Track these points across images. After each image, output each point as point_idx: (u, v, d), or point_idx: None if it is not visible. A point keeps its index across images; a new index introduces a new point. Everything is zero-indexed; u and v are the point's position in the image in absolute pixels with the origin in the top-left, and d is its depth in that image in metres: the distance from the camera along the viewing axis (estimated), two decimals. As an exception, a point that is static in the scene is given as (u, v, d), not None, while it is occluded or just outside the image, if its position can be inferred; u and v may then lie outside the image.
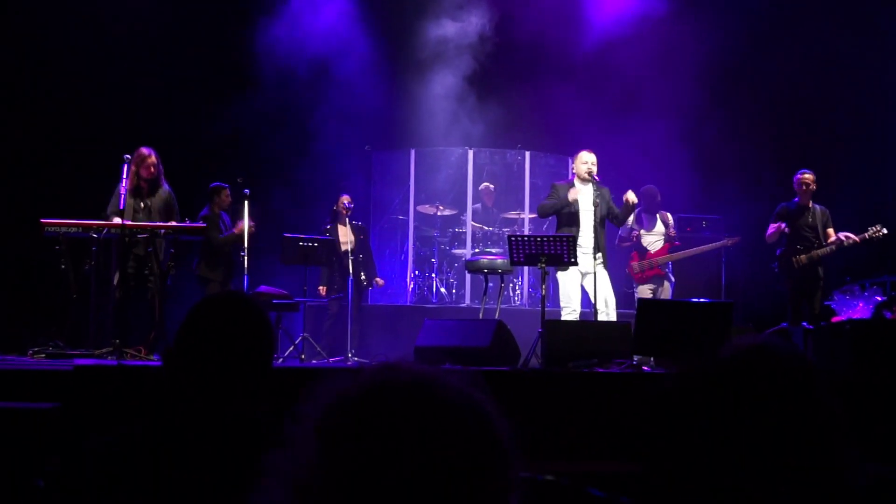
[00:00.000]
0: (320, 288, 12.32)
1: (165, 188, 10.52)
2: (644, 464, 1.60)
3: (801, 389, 1.51)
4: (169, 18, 13.13)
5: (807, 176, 11.44)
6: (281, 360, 10.81)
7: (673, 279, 12.42)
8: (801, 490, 1.46)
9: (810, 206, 11.42)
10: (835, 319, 10.94)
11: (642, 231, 12.43)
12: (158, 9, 13.04)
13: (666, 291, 12.32)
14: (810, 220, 11.36)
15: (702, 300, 9.87)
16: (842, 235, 11.25)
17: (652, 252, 12.35)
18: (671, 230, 12.47)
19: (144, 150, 10.37)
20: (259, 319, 2.96)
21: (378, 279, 12.71)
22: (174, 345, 2.92)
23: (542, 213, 10.99)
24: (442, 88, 14.15)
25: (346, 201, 12.38)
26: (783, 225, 11.36)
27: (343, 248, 12.13)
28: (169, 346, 2.95)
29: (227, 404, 2.80)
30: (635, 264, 12.34)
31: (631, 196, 10.51)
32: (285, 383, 2.74)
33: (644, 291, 12.24)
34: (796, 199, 11.48)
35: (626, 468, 6.23)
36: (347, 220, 12.32)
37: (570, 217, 10.67)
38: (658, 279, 12.32)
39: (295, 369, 8.35)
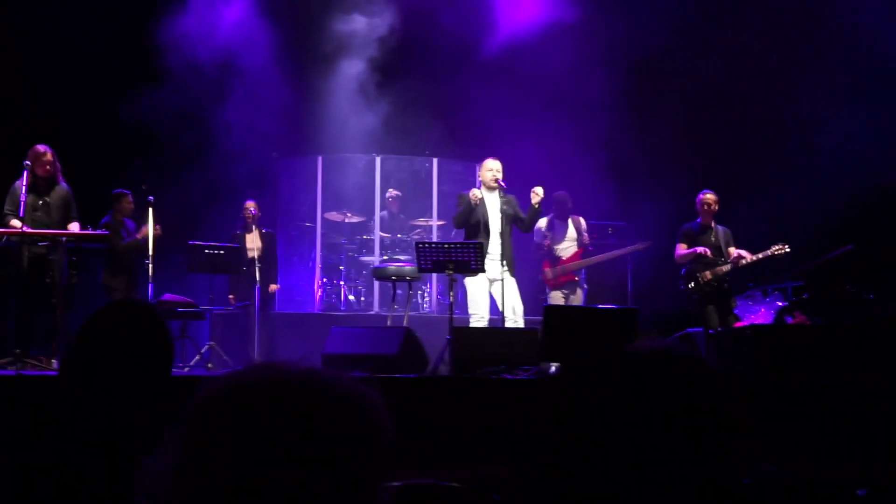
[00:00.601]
0: (230, 296, 12.20)
1: (63, 186, 10.30)
2: (520, 463, 1.59)
3: (696, 389, 1.52)
4: (71, 11, 12.88)
5: (708, 196, 11.58)
6: (187, 368, 10.69)
7: (586, 286, 12.51)
8: (691, 488, 1.47)
9: (712, 225, 11.58)
10: (738, 325, 11.11)
11: (554, 237, 12.47)
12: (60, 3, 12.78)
13: (578, 298, 12.37)
14: (713, 239, 11.51)
15: (608, 306, 9.96)
16: (737, 253, 11.37)
17: (564, 258, 12.42)
18: (584, 236, 12.54)
19: (40, 148, 10.15)
20: (156, 327, 2.92)
21: (272, 285, 12.54)
22: (72, 353, 2.88)
23: (457, 224, 10.97)
24: (348, 93, 14.10)
25: (251, 207, 12.31)
26: (706, 250, 11.42)
27: (250, 254, 12.03)
28: (65, 355, 2.90)
29: (122, 413, 2.76)
30: (548, 270, 12.39)
31: (538, 191, 10.57)
32: (190, 392, 2.70)
33: (557, 298, 12.28)
34: (699, 219, 11.63)
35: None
36: (255, 226, 12.23)
37: (476, 224, 10.70)
38: (571, 285, 12.38)
39: (201, 378, 8.25)
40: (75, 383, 2.84)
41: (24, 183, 9.81)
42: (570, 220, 12.57)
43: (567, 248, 12.48)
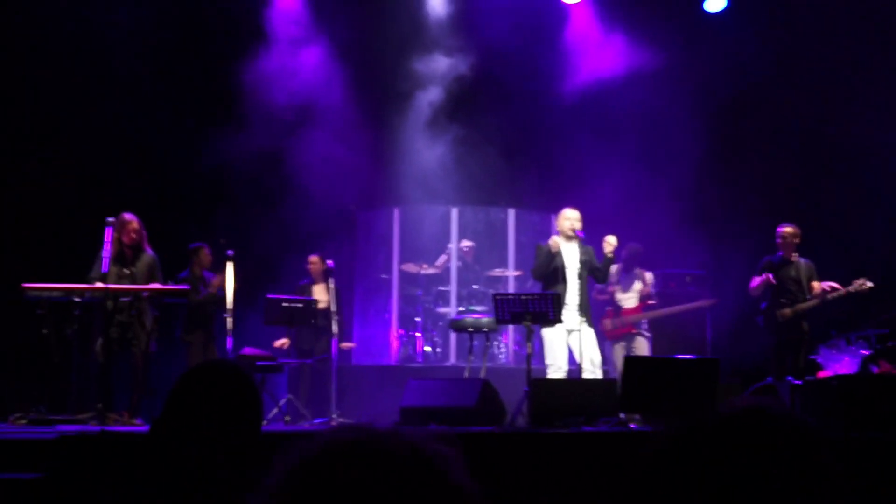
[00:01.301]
0: (283, 342, 12.18)
1: (149, 253, 10.47)
2: None
3: (802, 452, 1.48)
4: (147, 72, 13.11)
5: (788, 230, 11.46)
6: (265, 422, 10.72)
7: (649, 335, 12.40)
8: None
9: (794, 259, 11.43)
10: (821, 374, 10.93)
11: (619, 289, 12.42)
12: (134, 62, 13.00)
13: (641, 348, 12.28)
14: (793, 273, 11.36)
15: (687, 356, 9.85)
16: (826, 285, 11.24)
17: (625, 310, 12.35)
18: (647, 288, 12.46)
19: (126, 216, 10.34)
20: (247, 387, 2.94)
21: (345, 343, 12.64)
22: (163, 413, 2.90)
23: (536, 276, 10.90)
24: (425, 144, 14.17)
25: (315, 261, 12.44)
26: (770, 276, 11.33)
27: (320, 306, 12.07)
28: (157, 414, 2.92)
29: (215, 472, 2.77)
30: (608, 322, 12.32)
31: (611, 240, 10.53)
32: (271, 447, 2.71)
33: (618, 350, 12.21)
34: (780, 252, 11.50)
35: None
36: (323, 279, 12.29)
37: (554, 274, 10.65)
38: (629, 337, 12.31)
39: (280, 433, 8.28)
40: (168, 442, 2.87)
41: (108, 247, 9.93)
42: (636, 272, 12.51)
43: (629, 298, 12.42)
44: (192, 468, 2.78)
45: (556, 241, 10.62)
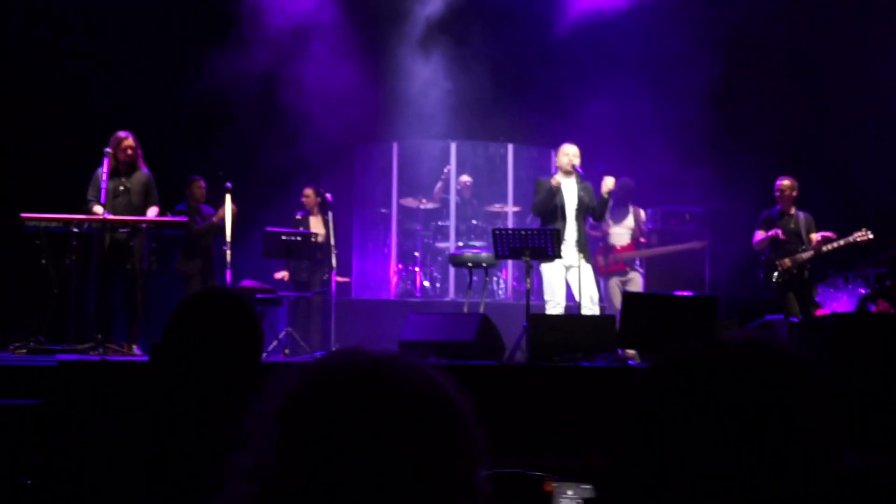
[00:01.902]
0: (283, 274, 12.18)
1: (144, 171, 10.40)
2: (616, 456, 1.57)
3: (795, 383, 1.49)
4: (142, 13, 13.01)
5: (786, 182, 11.42)
6: (265, 355, 10.74)
7: (642, 271, 12.40)
8: (787, 482, 1.44)
9: (792, 211, 11.42)
10: (819, 312, 10.96)
11: (610, 224, 12.38)
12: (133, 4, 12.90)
13: (635, 283, 12.28)
14: (792, 225, 11.35)
15: (686, 293, 9.87)
16: (819, 236, 11.21)
17: (617, 247, 12.33)
18: (641, 227, 12.43)
19: (121, 133, 10.27)
20: (248, 316, 2.94)
21: (340, 277, 12.70)
22: (163, 340, 2.90)
23: (536, 212, 10.86)
24: (423, 79, 14.09)
25: (310, 194, 12.40)
26: (779, 232, 11.31)
27: (318, 239, 12.05)
28: (157, 342, 2.92)
29: (214, 401, 2.78)
30: (600, 258, 12.29)
31: (608, 181, 10.50)
32: (270, 379, 2.72)
33: (614, 285, 12.21)
34: (778, 206, 11.48)
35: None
36: (318, 212, 12.26)
37: (553, 211, 10.63)
38: (623, 272, 12.30)
39: (280, 364, 8.31)
40: (167, 370, 2.87)
41: (106, 169, 9.94)
42: (630, 209, 12.46)
43: (621, 234, 12.38)
44: (191, 395, 2.78)
45: (558, 178, 10.59)
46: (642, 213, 12.55)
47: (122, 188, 10.18)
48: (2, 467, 5.31)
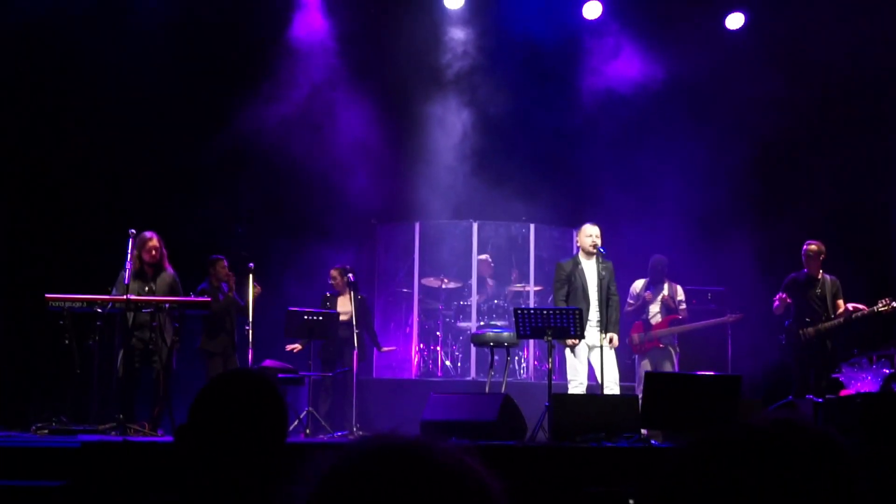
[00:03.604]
0: (295, 346, 12.14)
1: (169, 272, 10.55)
2: None
3: (830, 464, 1.48)
4: (171, 91, 13.15)
5: (813, 247, 11.41)
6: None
7: (678, 350, 12.34)
8: None
9: (819, 276, 11.38)
10: (843, 393, 10.87)
11: (647, 302, 12.34)
12: (158, 82, 13.04)
13: (669, 363, 12.22)
14: (819, 291, 11.32)
15: (709, 373, 9.82)
16: (850, 306, 11.20)
17: (653, 324, 12.29)
18: (674, 302, 12.39)
19: (146, 234, 10.41)
20: (273, 397, 2.94)
21: (385, 347, 12.83)
22: (188, 422, 2.90)
23: (559, 302, 10.85)
24: (445, 160, 14.19)
25: (335, 275, 12.45)
26: (784, 295, 11.32)
27: (342, 318, 12.08)
28: (181, 423, 2.92)
29: (239, 483, 2.77)
30: (635, 336, 12.26)
31: (614, 339, 10.68)
32: (292, 460, 2.73)
33: (646, 364, 12.15)
34: (805, 269, 11.45)
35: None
36: (349, 291, 12.29)
37: (575, 291, 10.66)
38: (657, 352, 12.23)
39: (301, 445, 8.29)
40: (191, 451, 2.87)
41: (130, 262, 10.01)
42: (665, 286, 12.44)
43: (656, 314, 12.35)
44: (216, 477, 2.78)
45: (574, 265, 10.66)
46: (679, 289, 12.50)
47: (146, 288, 10.29)
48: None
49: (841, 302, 11.31)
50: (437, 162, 14.22)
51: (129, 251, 10.05)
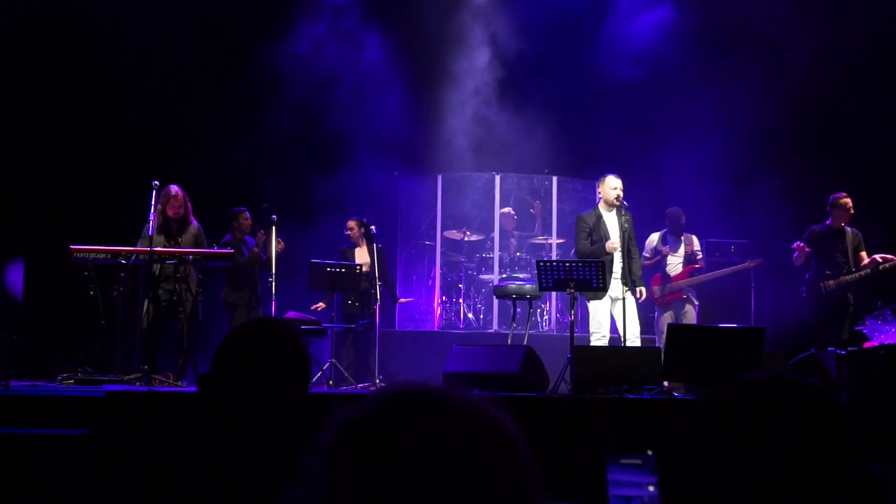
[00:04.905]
0: (319, 305, 12.19)
1: (194, 225, 10.57)
2: (663, 486, 1.58)
3: (821, 420, 1.50)
4: (192, 39, 13.14)
5: (844, 199, 11.33)
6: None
7: (696, 303, 12.31)
8: None
9: (842, 228, 11.31)
10: (867, 345, 10.83)
11: (668, 254, 12.31)
12: (179, 33, 13.02)
13: (689, 316, 12.19)
14: (841, 243, 11.26)
15: (732, 325, 9.79)
16: (877, 257, 11.14)
17: (672, 276, 12.26)
18: (696, 254, 12.36)
19: (171, 189, 10.43)
20: (297, 346, 2.94)
21: (401, 298, 12.85)
22: (210, 371, 2.90)
23: (583, 255, 10.80)
24: (468, 112, 14.15)
25: (353, 226, 12.47)
26: (802, 244, 11.25)
27: (365, 269, 12.09)
28: (204, 372, 2.93)
29: (262, 432, 2.78)
30: (656, 288, 12.22)
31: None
32: (315, 410, 2.74)
33: (666, 317, 12.13)
34: (828, 220, 11.38)
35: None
36: (364, 243, 12.32)
37: (598, 243, 10.64)
38: (679, 303, 12.20)
39: (324, 395, 8.32)
40: (216, 400, 2.87)
41: (154, 214, 10.04)
42: (682, 237, 12.39)
43: (676, 264, 12.31)
44: (238, 426, 2.79)
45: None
46: (695, 239, 12.46)
47: (172, 243, 10.33)
48: (51, 498, 5.35)
49: (864, 254, 11.25)
50: (458, 114, 14.17)
51: (153, 204, 10.07)
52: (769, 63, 13.90)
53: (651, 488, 2.94)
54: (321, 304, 12.13)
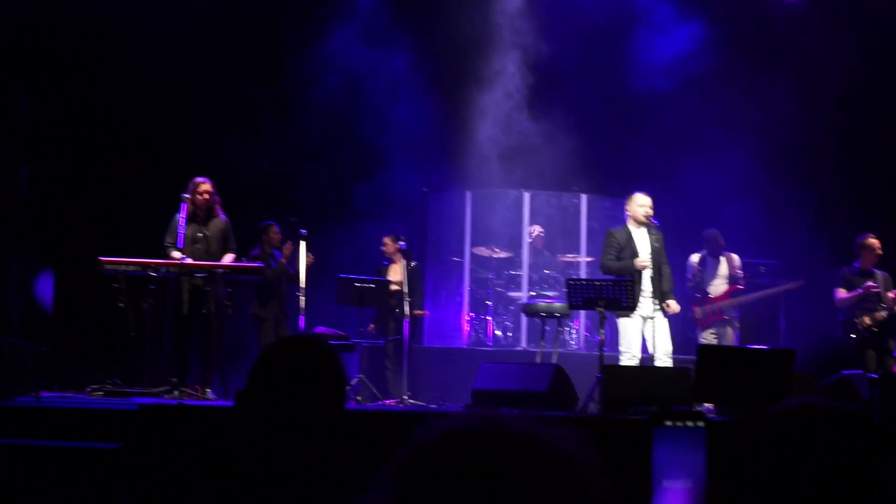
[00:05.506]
0: (370, 326, 12.27)
1: (222, 217, 10.55)
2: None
3: (860, 446, 1.49)
4: (220, 57, 13.22)
5: (871, 240, 11.32)
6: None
7: (737, 325, 12.25)
8: None
9: (871, 270, 11.31)
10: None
11: (705, 275, 12.25)
12: (207, 49, 13.10)
13: (729, 337, 12.13)
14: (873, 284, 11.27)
15: (763, 347, 9.74)
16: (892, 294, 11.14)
17: (713, 296, 12.19)
18: (738, 273, 12.30)
19: (198, 179, 10.44)
20: (333, 363, 2.95)
21: (418, 311, 12.73)
22: (247, 387, 2.91)
23: (606, 272, 10.76)
24: (498, 128, 14.13)
25: (388, 242, 12.48)
26: (871, 285, 11.21)
27: (393, 287, 12.10)
28: (237, 387, 2.93)
29: (298, 448, 2.78)
30: (697, 309, 12.18)
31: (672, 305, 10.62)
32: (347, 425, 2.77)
33: (707, 337, 12.07)
34: (857, 263, 11.37)
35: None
36: (401, 259, 12.32)
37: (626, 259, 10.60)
38: (721, 324, 12.14)
39: (353, 412, 8.32)
40: (251, 416, 2.88)
41: (184, 215, 10.09)
42: (723, 258, 12.34)
43: (718, 285, 12.26)
44: (275, 442, 2.79)
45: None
46: (736, 258, 12.40)
47: (200, 234, 10.31)
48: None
49: (892, 294, 11.22)
50: (489, 132, 14.16)
51: (181, 214, 10.11)
52: (803, 78, 13.84)
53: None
54: (371, 326, 12.21)
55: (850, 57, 13.52)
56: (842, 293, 11.28)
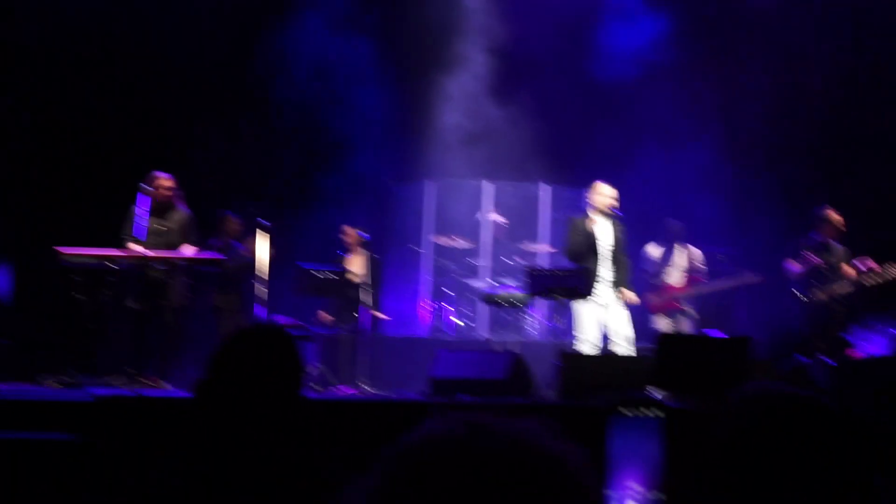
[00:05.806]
0: (321, 313, 12.16)
1: (184, 210, 10.46)
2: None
3: (827, 432, 1.51)
4: (184, 44, 13.11)
5: (831, 213, 11.35)
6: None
7: (694, 314, 12.30)
8: None
9: (828, 243, 11.34)
10: (851, 352, 10.86)
11: (661, 263, 12.31)
12: (171, 37, 13.00)
13: (683, 326, 12.21)
14: (831, 258, 11.29)
15: (720, 334, 9.82)
16: (860, 265, 11.14)
17: (671, 286, 12.25)
18: (697, 266, 12.36)
19: (157, 173, 10.33)
20: (291, 351, 2.95)
21: (377, 312, 12.63)
22: (206, 376, 2.90)
23: (570, 256, 10.80)
24: (459, 119, 14.12)
25: (349, 232, 12.41)
26: (817, 261, 11.28)
27: (350, 277, 12.05)
28: (199, 377, 2.92)
29: (258, 436, 2.78)
30: (654, 298, 12.24)
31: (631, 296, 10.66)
32: (305, 413, 2.78)
33: (663, 325, 12.13)
34: (817, 236, 11.38)
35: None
36: (360, 249, 12.27)
37: (589, 250, 10.63)
38: (676, 313, 12.21)
39: (311, 401, 8.29)
40: (211, 405, 2.87)
41: (146, 207, 9.99)
42: (682, 249, 12.39)
43: (675, 275, 12.31)
44: (235, 431, 2.79)
45: (591, 224, 10.56)
46: (697, 252, 12.46)
47: (162, 228, 10.23)
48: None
49: (848, 268, 11.24)
50: (450, 122, 14.15)
51: (139, 204, 10.01)
52: (769, 68, 13.93)
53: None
54: (321, 313, 12.12)
55: (819, 48, 13.63)
56: (792, 264, 11.33)
